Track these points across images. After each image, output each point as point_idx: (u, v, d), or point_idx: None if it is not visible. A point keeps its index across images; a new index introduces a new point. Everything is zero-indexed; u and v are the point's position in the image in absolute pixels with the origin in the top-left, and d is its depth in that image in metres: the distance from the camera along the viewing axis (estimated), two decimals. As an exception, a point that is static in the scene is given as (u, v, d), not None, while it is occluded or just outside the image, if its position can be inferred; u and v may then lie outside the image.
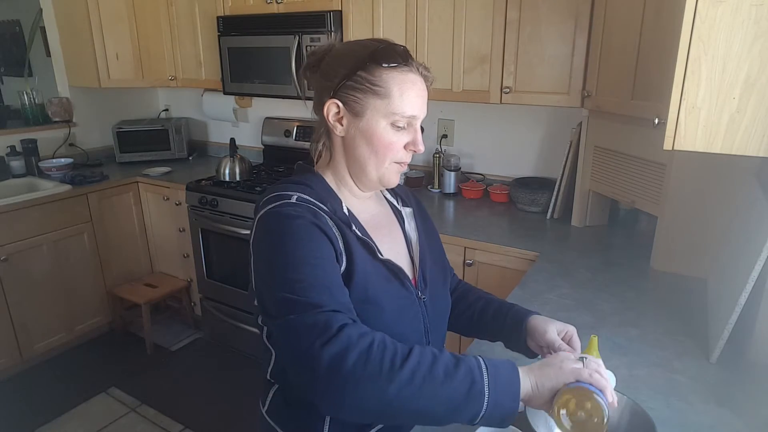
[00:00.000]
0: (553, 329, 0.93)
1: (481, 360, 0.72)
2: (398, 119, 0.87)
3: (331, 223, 0.85)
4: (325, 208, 0.87)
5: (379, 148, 0.89)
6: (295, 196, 0.86)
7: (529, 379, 0.73)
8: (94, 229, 2.86)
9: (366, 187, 0.97)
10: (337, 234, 0.85)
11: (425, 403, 0.69)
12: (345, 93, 0.88)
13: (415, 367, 0.69)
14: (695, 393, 1.07)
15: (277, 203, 0.85)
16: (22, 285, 2.59)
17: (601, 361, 0.80)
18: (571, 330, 0.94)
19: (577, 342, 0.93)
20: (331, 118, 0.90)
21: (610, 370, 1.05)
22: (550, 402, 0.72)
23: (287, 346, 0.75)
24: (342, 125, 0.90)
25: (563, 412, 0.71)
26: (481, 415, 0.69)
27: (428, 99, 0.92)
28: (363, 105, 0.87)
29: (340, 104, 0.88)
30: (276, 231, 0.82)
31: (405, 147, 0.91)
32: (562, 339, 0.93)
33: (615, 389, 0.93)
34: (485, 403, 0.69)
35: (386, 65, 0.86)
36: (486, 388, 0.69)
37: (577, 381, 0.72)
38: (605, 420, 0.71)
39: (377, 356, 0.69)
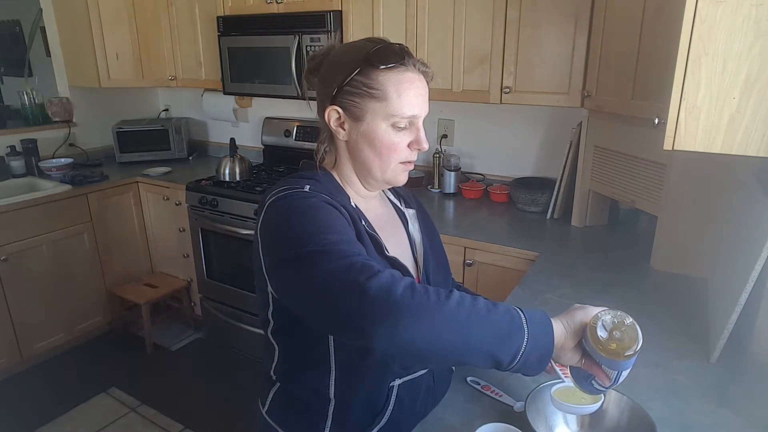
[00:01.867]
0: None
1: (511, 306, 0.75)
2: (398, 120, 0.87)
3: (344, 211, 0.86)
4: (334, 202, 0.88)
5: (382, 150, 0.89)
6: (307, 186, 0.86)
7: (559, 321, 0.77)
8: (94, 229, 2.85)
9: (373, 188, 0.98)
10: (350, 224, 0.85)
11: (473, 332, 0.69)
12: (344, 98, 0.87)
13: (460, 300, 0.70)
14: (695, 393, 1.07)
15: (289, 191, 0.85)
16: (22, 285, 2.59)
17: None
18: None
19: None
20: (332, 123, 0.90)
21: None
22: (579, 347, 0.77)
23: (327, 292, 0.71)
24: (344, 130, 0.90)
25: (600, 322, 0.75)
26: (522, 350, 0.70)
27: (428, 99, 0.92)
28: (362, 109, 0.87)
29: (340, 110, 0.88)
30: (293, 206, 0.82)
31: (409, 146, 0.91)
32: None
33: (615, 389, 0.93)
34: (526, 338, 0.71)
35: (382, 67, 0.85)
36: (525, 324, 0.72)
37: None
38: (639, 332, 0.75)
39: (422, 290, 0.70)
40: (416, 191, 2.52)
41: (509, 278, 1.87)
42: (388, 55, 0.86)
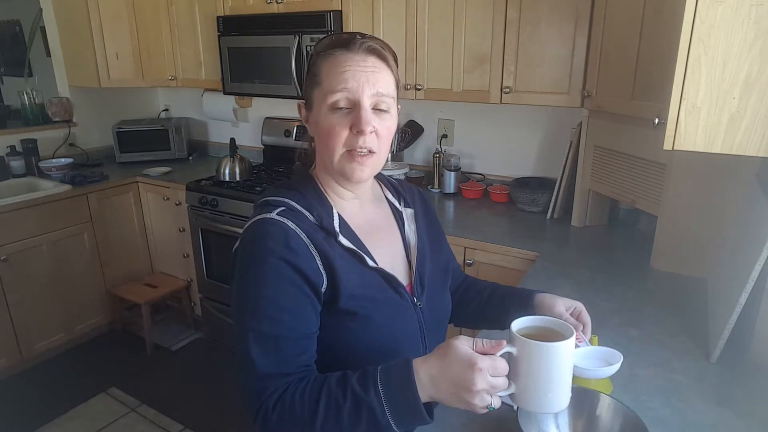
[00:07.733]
0: (561, 304, 0.94)
1: (379, 392, 0.73)
2: (333, 98, 0.83)
3: (308, 242, 0.83)
4: (311, 218, 0.86)
5: (324, 136, 0.86)
6: (278, 211, 0.85)
7: (426, 376, 0.73)
8: (94, 229, 2.86)
9: (343, 185, 0.93)
10: (314, 254, 0.83)
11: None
12: (305, 91, 0.91)
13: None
14: (695, 393, 1.07)
15: (259, 217, 0.86)
16: (22, 285, 2.59)
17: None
18: (579, 306, 0.95)
19: (586, 317, 0.93)
20: (303, 118, 0.92)
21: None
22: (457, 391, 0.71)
23: (240, 361, 0.88)
24: (308, 123, 0.92)
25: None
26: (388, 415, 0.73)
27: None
28: (311, 98, 0.88)
29: (302, 103, 0.91)
30: (245, 267, 0.84)
31: (351, 129, 0.84)
32: (571, 314, 0.93)
33: (612, 395, 0.93)
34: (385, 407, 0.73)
35: (323, 53, 0.86)
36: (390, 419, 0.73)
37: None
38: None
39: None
40: (416, 191, 2.52)
41: (509, 278, 1.87)
42: (332, 42, 0.86)
